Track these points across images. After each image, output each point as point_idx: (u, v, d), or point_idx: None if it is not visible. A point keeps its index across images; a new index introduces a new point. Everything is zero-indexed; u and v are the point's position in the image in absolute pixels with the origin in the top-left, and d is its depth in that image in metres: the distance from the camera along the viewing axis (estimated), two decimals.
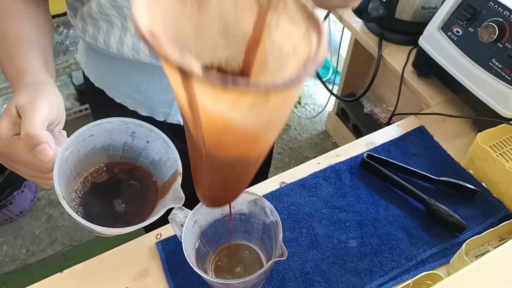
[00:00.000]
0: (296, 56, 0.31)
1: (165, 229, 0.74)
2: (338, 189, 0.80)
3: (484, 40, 0.83)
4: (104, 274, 0.70)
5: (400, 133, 0.90)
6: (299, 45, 0.31)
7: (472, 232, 0.73)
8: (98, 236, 1.69)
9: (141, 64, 0.69)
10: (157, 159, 0.57)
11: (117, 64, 0.71)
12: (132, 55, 0.67)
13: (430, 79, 1.03)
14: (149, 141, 0.56)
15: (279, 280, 0.68)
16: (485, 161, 0.77)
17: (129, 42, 0.65)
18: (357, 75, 1.67)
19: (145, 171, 0.58)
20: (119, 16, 0.63)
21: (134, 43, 0.65)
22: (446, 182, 0.78)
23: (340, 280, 0.68)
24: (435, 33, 0.93)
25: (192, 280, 0.68)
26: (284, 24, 0.32)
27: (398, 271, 0.69)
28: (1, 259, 1.66)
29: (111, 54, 0.69)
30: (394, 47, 1.16)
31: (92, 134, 0.53)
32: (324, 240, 0.73)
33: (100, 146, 0.55)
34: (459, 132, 0.90)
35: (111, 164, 0.58)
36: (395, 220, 0.75)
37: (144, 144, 0.57)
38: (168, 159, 0.55)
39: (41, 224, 1.75)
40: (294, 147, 1.98)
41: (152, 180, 0.58)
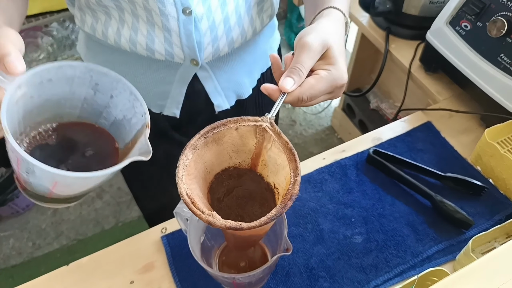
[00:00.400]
0: (284, 170, 0.48)
1: (170, 223, 0.75)
2: (343, 184, 0.80)
3: (493, 35, 0.82)
4: (110, 267, 0.70)
5: (406, 129, 0.89)
6: (285, 166, 0.47)
7: (479, 229, 0.73)
8: (104, 231, 1.70)
9: (138, 56, 0.69)
10: (120, 118, 0.51)
11: (115, 55, 0.71)
12: (129, 47, 0.67)
13: (438, 74, 1.02)
14: (113, 95, 0.50)
15: (284, 275, 0.68)
16: (492, 157, 0.77)
17: (126, 35, 0.65)
18: (364, 70, 1.66)
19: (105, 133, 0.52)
20: (117, 8, 0.63)
21: (131, 35, 0.65)
22: (453, 178, 0.77)
23: (345, 275, 0.68)
24: (443, 27, 0.92)
25: (197, 274, 0.68)
26: (274, 149, 0.49)
27: (404, 267, 0.69)
28: (7, 252, 1.67)
29: (109, 45, 0.69)
30: (401, 42, 1.15)
31: (51, 79, 0.46)
32: (329, 235, 0.73)
33: (56, 99, 0.48)
34: (466, 128, 0.89)
35: (64, 125, 0.51)
36: (401, 216, 0.75)
37: (107, 100, 0.50)
38: (134, 115, 0.50)
39: (47, 218, 1.76)
40: (300, 142, 1.98)
41: (113, 145, 0.52)
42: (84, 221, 1.74)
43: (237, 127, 0.49)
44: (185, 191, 0.44)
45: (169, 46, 0.65)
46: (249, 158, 0.53)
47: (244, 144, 0.51)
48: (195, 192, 0.46)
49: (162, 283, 0.68)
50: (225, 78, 0.75)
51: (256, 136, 0.50)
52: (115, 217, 1.75)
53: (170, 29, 0.63)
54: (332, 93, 0.53)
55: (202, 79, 0.72)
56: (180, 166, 0.46)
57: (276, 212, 0.43)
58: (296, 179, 0.45)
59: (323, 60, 0.51)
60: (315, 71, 0.51)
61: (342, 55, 0.52)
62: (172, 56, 0.67)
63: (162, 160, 0.87)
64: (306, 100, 0.50)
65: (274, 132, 0.48)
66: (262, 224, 0.43)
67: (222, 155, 0.52)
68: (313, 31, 0.51)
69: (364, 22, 1.25)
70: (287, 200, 0.44)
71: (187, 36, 0.63)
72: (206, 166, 0.51)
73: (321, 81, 0.50)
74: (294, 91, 0.49)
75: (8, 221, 1.75)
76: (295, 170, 0.46)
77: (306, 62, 0.49)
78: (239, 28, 0.68)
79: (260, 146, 0.51)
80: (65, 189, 0.47)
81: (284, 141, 0.48)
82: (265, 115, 0.49)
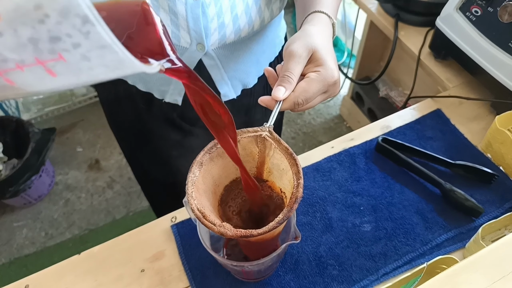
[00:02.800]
0: (288, 175, 0.50)
1: (180, 212, 0.75)
2: (352, 173, 0.80)
3: (504, 20, 0.81)
4: (121, 256, 0.71)
5: (416, 117, 0.88)
6: (289, 170, 0.49)
7: (489, 217, 0.72)
8: (115, 220, 1.72)
9: None
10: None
11: None
12: None
13: (448, 61, 1.01)
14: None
15: (293, 263, 0.69)
16: (503, 145, 0.76)
17: None
18: (373, 58, 1.64)
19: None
20: None
21: None
22: (463, 166, 0.77)
23: (354, 264, 0.68)
24: (453, 13, 0.91)
25: (207, 263, 0.69)
26: (276, 156, 0.52)
27: (413, 255, 0.69)
28: (21, 242, 1.70)
29: None
30: (410, 29, 1.13)
31: None
32: (338, 224, 0.73)
33: None
34: (476, 115, 0.89)
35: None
36: (410, 204, 0.75)
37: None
38: None
39: (59, 208, 1.78)
40: (308, 131, 1.98)
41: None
42: (96, 211, 1.76)
43: (239, 139, 0.52)
44: (196, 206, 0.47)
45: (175, 28, 0.65)
46: (254, 167, 0.56)
47: (247, 154, 0.54)
48: (206, 206, 0.48)
49: (173, 271, 0.69)
50: (231, 67, 0.75)
51: (258, 146, 0.53)
52: (125, 207, 1.77)
53: (177, 12, 0.62)
54: (327, 92, 0.55)
55: (208, 67, 0.72)
56: (188, 183, 0.48)
57: (283, 216, 0.46)
58: (299, 182, 0.47)
59: (312, 63, 0.54)
60: (305, 75, 0.54)
61: (329, 55, 0.54)
62: (178, 39, 0.67)
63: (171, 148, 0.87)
64: (302, 103, 0.52)
65: (273, 139, 0.51)
66: (272, 229, 0.44)
67: (229, 167, 0.54)
68: (297, 39, 0.54)
69: (373, 9, 1.24)
70: (292, 203, 0.46)
71: (194, 20, 0.63)
72: (215, 179, 0.53)
73: (312, 82, 0.52)
74: (289, 97, 0.52)
75: (21, 211, 1.78)
76: (297, 174, 0.48)
77: (294, 68, 0.52)
78: (247, 16, 0.68)
79: (262, 155, 0.54)
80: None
81: (284, 147, 0.50)
82: (263, 125, 0.52)
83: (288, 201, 0.47)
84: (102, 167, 1.91)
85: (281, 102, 0.52)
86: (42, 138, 1.66)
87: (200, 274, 0.68)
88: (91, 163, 1.92)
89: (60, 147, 1.98)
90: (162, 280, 0.68)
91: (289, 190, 0.51)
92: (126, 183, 1.84)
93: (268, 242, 0.55)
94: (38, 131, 1.66)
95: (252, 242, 0.55)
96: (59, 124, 2.05)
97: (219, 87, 0.76)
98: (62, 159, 1.94)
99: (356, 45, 1.66)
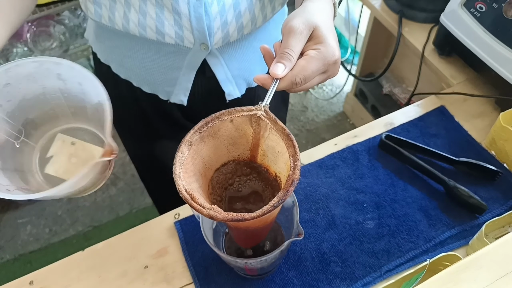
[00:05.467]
0: (284, 157, 0.47)
1: (183, 209, 0.75)
2: (355, 170, 0.79)
3: (509, 16, 0.80)
4: (124, 253, 0.71)
5: (419, 113, 0.88)
6: (285, 152, 0.47)
7: (492, 214, 0.72)
8: (118, 217, 1.72)
9: (146, 41, 0.68)
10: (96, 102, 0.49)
11: (123, 40, 0.71)
12: (138, 31, 0.66)
13: (452, 57, 1.01)
14: (81, 83, 0.48)
15: (296, 260, 0.69)
16: (507, 142, 0.76)
17: (134, 19, 0.65)
18: (376, 54, 1.64)
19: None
20: None
21: (140, 19, 0.65)
22: (467, 163, 0.76)
23: (357, 260, 0.68)
24: (457, 9, 0.90)
25: (210, 259, 0.69)
26: (272, 137, 0.48)
27: (416, 252, 0.69)
28: (25, 238, 1.71)
29: (117, 31, 0.69)
30: (414, 25, 1.13)
31: (8, 83, 0.46)
32: (341, 221, 0.73)
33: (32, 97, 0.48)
34: (481, 112, 0.88)
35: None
36: (413, 201, 0.75)
37: (79, 87, 0.49)
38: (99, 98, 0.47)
39: (63, 205, 1.79)
40: (311, 128, 1.97)
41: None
42: (99, 208, 1.77)
43: (232, 119, 0.49)
44: (183, 187, 0.44)
45: (179, 29, 0.65)
46: (247, 149, 0.52)
47: (240, 135, 0.51)
48: (194, 188, 0.45)
49: (176, 268, 0.69)
50: (236, 65, 0.75)
51: (252, 126, 0.49)
52: (129, 204, 1.78)
53: (180, 12, 0.62)
54: (327, 72, 0.53)
55: (213, 66, 0.72)
56: (176, 163, 0.45)
57: (278, 199, 0.43)
58: (296, 164, 0.44)
59: (312, 41, 0.51)
60: (304, 53, 0.51)
61: (330, 33, 0.51)
62: (182, 39, 0.67)
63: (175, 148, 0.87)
64: (299, 82, 0.49)
65: (269, 119, 0.48)
66: (266, 213, 0.42)
67: (220, 149, 0.51)
68: (297, 15, 0.51)
69: (377, 5, 1.23)
70: (288, 186, 0.43)
71: (197, 19, 0.63)
72: (205, 162, 0.50)
73: (312, 60, 0.49)
74: (286, 76, 0.49)
75: (25, 208, 1.79)
76: (294, 156, 0.45)
77: (294, 46, 0.49)
78: (250, 13, 0.68)
79: (257, 136, 0.50)
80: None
81: (280, 127, 0.47)
82: (259, 104, 0.49)
83: (284, 184, 0.44)
84: None
85: (278, 80, 0.49)
86: None
87: (204, 270, 0.68)
88: None
89: None
90: (166, 277, 0.68)
91: (284, 175, 0.47)
92: (129, 180, 1.85)
93: (260, 230, 0.53)
94: None
95: (243, 229, 0.52)
96: None
97: (223, 86, 0.76)
98: None
99: (360, 41, 1.66)
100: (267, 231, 0.58)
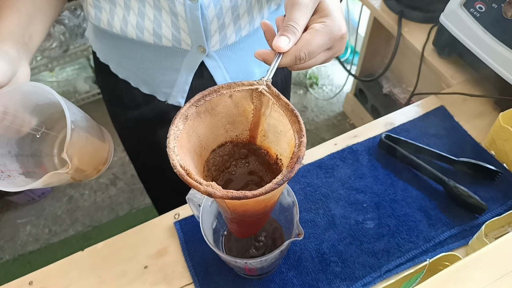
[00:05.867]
0: (286, 136, 0.44)
1: (183, 209, 0.75)
2: (355, 170, 0.79)
3: (509, 17, 0.81)
4: (124, 253, 0.71)
5: (419, 113, 0.88)
6: (288, 130, 0.43)
7: (492, 214, 0.72)
8: (118, 217, 1.72)
9: (144, 44, 0.68)
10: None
11: (121, 42, 0.71)
12: (135, 34, 0.66)
13: (451, 57, 1.01)
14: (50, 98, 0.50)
15: (296, 260, 0.69)
16: (507, 142, 0.76)
17: (133, 21, 0.65)
18: (376, 54, 1.64)
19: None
20: None
21: (138, 21, 0.65)
22: (466, 163, 0.76)
23: (357, 260, 0.68)
24: (457, 9, 0.90)
25: (210, 259, 0.69)
26: (274, 114, 0.45)
27: (416, 252, 0.69)
28: (25, 238, 1.71)
29: (115, 34, 0.69)
30: (414, 25, 1.13)
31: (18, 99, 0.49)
32: (341, 221, 0.73)
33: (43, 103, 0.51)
34: (480, 112, 0.88)
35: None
36: (413, 201, 0.75)
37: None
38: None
39: (63, 205, 1.79)
40: (311, 128, 1.97)
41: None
42: (99, 208, 1.77)
43: (231, 94, 0.45)
44: (178, 162, 0.40)
45: (176, 31, 0.65)
46: (246, 129, 0.49)
47: (240, 113, 0.47)
48: (190, 166, 0.42)
49: (176, 268, 0.69)
50: (234, 68, 0.74)
51: (253, 102, 0.46)
52: (129, 204, 1.78)
53: (177, 13, 0.62)
54: (332, 49, 0.50)
55: (211, 69, 0.72)
56: (170, 136, 0.42)
57: (282, 177, 0.40)
58: (302, 141, 0.41)
59: (317, 14, 0.48)
60: (309, 27, 0.48)
61: (337, 6, 0.49)
62: (179, 42, 0.66)
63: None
64: (304, 58, 0.46)
65: (272, 94, 0.44)
66: (269, 191, 0.39)
67: (217, 127, 0.48)
68: None
69: (377, 5, 1.23)
70: (294, 163, 0.40)
71: (193, 21, 0.63)
72: (201, 140, 0.47)
73: (317, 34, 0.46)
74: (290, 51, 0.46)
75: (24, 208, 1.79)
76: (299, 132, 0.42)
77: (299, 19, 0.46)
78: (248, 16, 0.67)
79: (258, 113, 0.46)
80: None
81: (284, 102, 0.44)
82: (260, 78, 0.45)
83: (289, 162, 0.41)
84: None
85: (281, 55, 0.46)
86: None
87: (203, 270, 0.68)
88: None
89: None
90: (165, 277, 0.68)
91: (287, 156, 0.44)
92: (129, 180, 1.85)
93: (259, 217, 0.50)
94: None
95: (241, 214, 0.48)
96: None
97: None
98: None
99: (360, 41, 1.66)
100: (266, 219, 0.55)
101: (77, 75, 2.07)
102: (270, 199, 0.46)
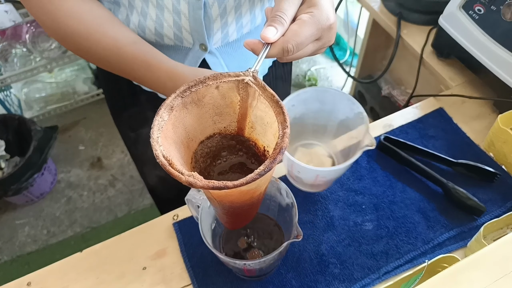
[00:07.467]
0: (272, 128, 0.44)
1: (182, 210, 0.75)
2: (354, 171, 0.80)
3: (507, 19, 0.81)
4: (123, 254, 0.71)
5: (418, 115, 0.88)
6: (274, 122, 0.43)
7: (491, 215, 0.72)
8: (116, 218, 1.72)
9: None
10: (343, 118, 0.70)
11: None
12: (137, 33, 0.66)
13: (450, 60, 1.01)
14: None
15: (294, 261, 0.69)
16: (505, 144, 0.76)
17: (135, 20, 0.65)
18: (375, 56, 1.64)
19: None
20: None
21: (140, 20, 0.65)
22: (465, 164, 0.76)
23: (356, 262, 0.68)
24: (456, 12, 0.91)
25: (208, 260, 0.69)
26: (261, 106, 0.45)
27: (414, 254, 0.69)
28: (23, 239, 1.70)
29: None
30: (413, 27, 1.13)
31: (293, 105, 0.63)
32: (340, 222, 0.73)
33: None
34: (479, 114, 0.88)
35: None
36: (412, 203, 0.75)
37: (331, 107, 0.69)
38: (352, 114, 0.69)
39: (61, 206, 1.79)
40: None
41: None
42: (98, 209, 1.77)
43: (218, 85, 0.45)
44: (161, 152, 0.40)
45: (178, 30, 0.65)
46: (234, 121, 0.49)
47: (227, 104, 0.47)
48: (174, 157, 0.42)
49: (174, 269, 0.69)
50: (235, 64, 0.75)
51: (240, 93, 0.46)
52: (127, 205, 1.77)
53: (180, 11, 0.62)
54: (321, 39, 0.50)
55: (212, 65, 0.72)
56: (154, 127, 0.41)
57: (264, 167, 0.40)
58: (285, 131, 0.41)
59: (305, 4, 0.48)
60: (297, 17, 0.48)
61: None
62: (181, 40, 0.67)
63: None
64: (292, 49, 0.46)
65: (258, 85, 0.44)
66: (250, 181, 0.39)
67: (205, 119, 0.48)
68: None
69: (376, 7, 1.24)
70: (276, 153, 0.40)
71: (195, 20, 0.63)
72: (188, 131, 0.47)
73: (305, 25, 0.46)
74: (277, 42, 0.46)
75: (23, 209, 1.78)
76: (283, 123, 0.42)
77: (286, 9, 0.46)
78: (251, 14, 0.68)
79: (245, 105, 0.46)
80: (323, 178, 0.66)
81: (269, 93, 0.44)
82: (247, 69, 0.45)
83: (272, 152, 0.41)
84: (104, 165, 1.91)
85: (269, 46, 0.46)
86: (44, 136, 1.67)
87: (202, 272, 0.68)
88: (93, 161, 1.93)
89: (62, 145, 1.99)
90: (164, 278, 0.68)
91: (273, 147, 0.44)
92: (128, 181, 1.84)
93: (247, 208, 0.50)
94: (40, 129, 1.66)
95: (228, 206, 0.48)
96: (61, 122, 2.05)
97: None
98: (64, 157, 1.95)
99: (359, 43, 1.66)
100: (255, 210, 0.55)
101: (76, 76, 2.07)
102: (256, 190, 0.46)
